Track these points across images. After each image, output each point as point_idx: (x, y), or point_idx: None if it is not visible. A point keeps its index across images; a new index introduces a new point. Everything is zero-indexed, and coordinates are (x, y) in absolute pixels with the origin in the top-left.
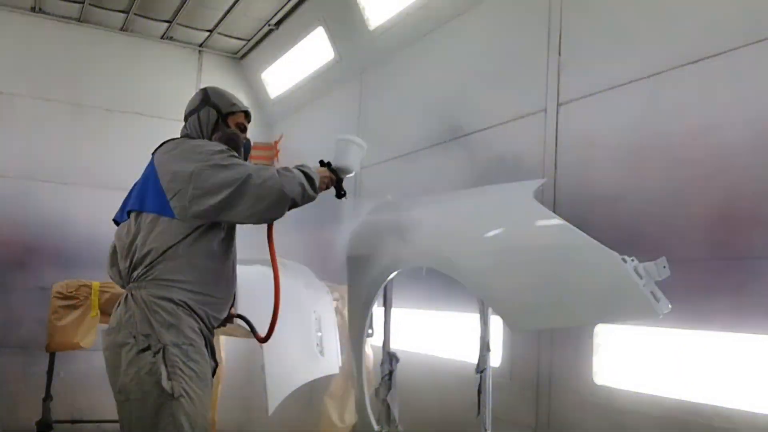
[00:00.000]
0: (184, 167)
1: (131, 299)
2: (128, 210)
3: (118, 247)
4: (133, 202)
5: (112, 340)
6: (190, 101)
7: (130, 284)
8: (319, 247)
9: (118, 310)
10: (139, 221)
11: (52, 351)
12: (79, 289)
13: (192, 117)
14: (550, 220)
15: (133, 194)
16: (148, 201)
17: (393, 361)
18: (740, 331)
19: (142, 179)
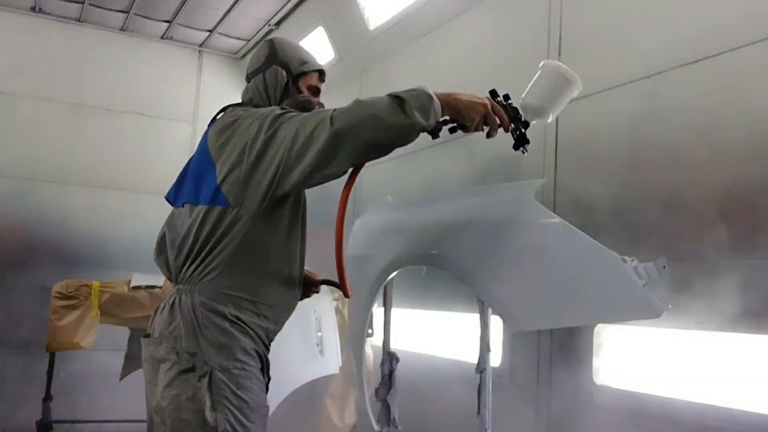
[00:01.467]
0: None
1: (178, 306)
2: (183, 202)
3: (169, 237)
4: (186, 192)
5: (151, 352)
6: (254, 56)
7: (180, 284)
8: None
9: (161, 315)
10: (193, 213)
11: (52, 351)
12: (79, 289)
13: (257, 78)
14: (550, 220)
15: (188, 180)
16: (201, 190)
17: (393, 361)
18: (740, 331)
19: (195, 158)
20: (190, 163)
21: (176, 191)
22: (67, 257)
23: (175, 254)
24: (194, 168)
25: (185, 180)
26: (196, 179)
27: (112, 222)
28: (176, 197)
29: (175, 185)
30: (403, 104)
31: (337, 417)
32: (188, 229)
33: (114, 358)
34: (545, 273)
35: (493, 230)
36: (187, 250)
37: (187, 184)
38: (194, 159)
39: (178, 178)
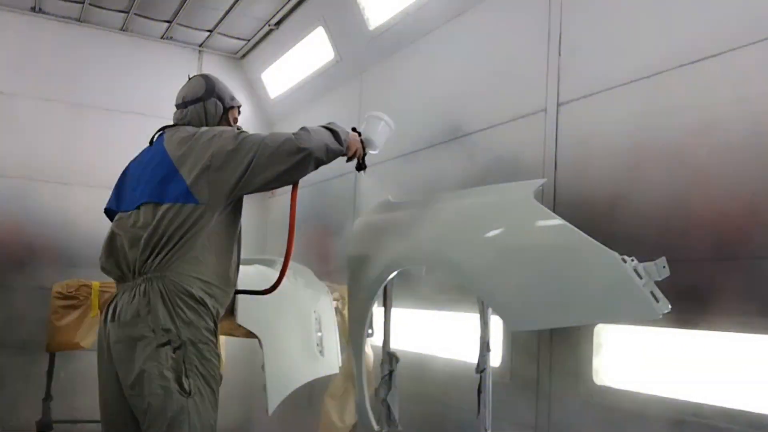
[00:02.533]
0: (218, 148)
1: (150, 292)
2: (140, 203)
3: (125, 237)
4: (145, 194)
5: (127, 333)
6: (191, 87)
7: (146, 274)
8: (319, 246)
9: (130, 301)
10: (157, 211)
11: (52, 351)
12: (79, 289)
13: (196, 105)
14: (550, 220)
15: (140, 185)
16: (167, 191)
17: (393, 361)
18: (740, 331)
19: (144, 168)
20: (130, 174)
21: (119, 199)
22: (67, 257)
23: (140, 249)
24: (151, 174)
25: (134, 187)
26: (159, 183)
27: None
28: (123, 203)
29: (115, 195)
30: (338, 136)
31: (337, 417)
32: (155, 225)
33: None
34: (545, 273)
35: (493, 230)
36: (154, 243)
37: (140, 189)
38: (146, 168)
39: (117, 189)
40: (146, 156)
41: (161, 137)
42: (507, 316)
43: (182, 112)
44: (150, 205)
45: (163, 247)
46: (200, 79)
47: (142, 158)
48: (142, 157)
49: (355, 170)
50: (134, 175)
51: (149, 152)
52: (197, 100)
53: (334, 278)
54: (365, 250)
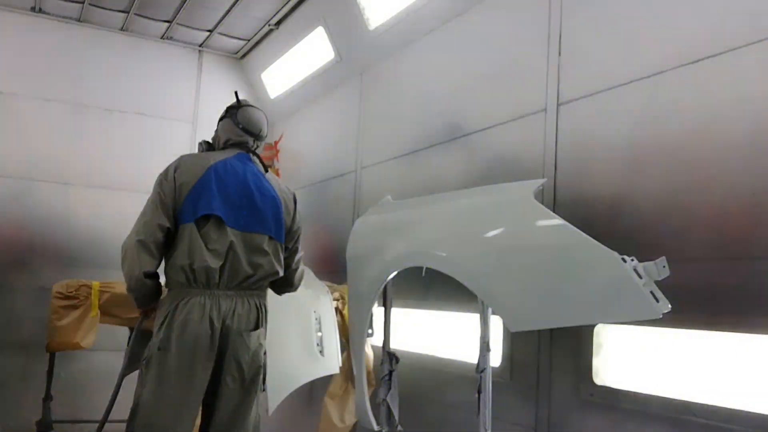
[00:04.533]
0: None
1: (260, 304)
2: (258, 232)
3: (241, 255)
4: (265, 227)
5: (251, 336)
6: (265, 123)
7: (242, 289)
8: (319, 246)
9: (251, 311)
10: (272, 246)
11: (52, 351)
12: (79, 289)
13: (262, 142)
14: (550, 220)
15: (251, 211)
16: (280, 233)
17: (393, 361)
18: (740, 331)
19: (254, 194)
20: (230, 190)
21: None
22: (67, 257)
23: (256, 272)
24: (264, 207)
25: (241, 206)
26: (275, 222)
27: (112, 222)
28: (230, 218)
29: (221, 204)
30: None
31: (337, 417)
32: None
33: (114, 358)
34: (545, 273)
35: (493, 230)
36: (267, 272)
37: (256, 217)
38: (256, 195)
39: (221, 197)
40: (249, 178)
41: (250, 162)
42: (507, 316)
43: (255, 142)
44: (266, 237)
45: (268, 277)
46: (265, 119)
47: (243, 177)
48: (241, 174)
49: (354, 172)
50: (240, 193)
51: (252, 176)
52: (264, 138)
53: (334, 278)
54: (365, 250)
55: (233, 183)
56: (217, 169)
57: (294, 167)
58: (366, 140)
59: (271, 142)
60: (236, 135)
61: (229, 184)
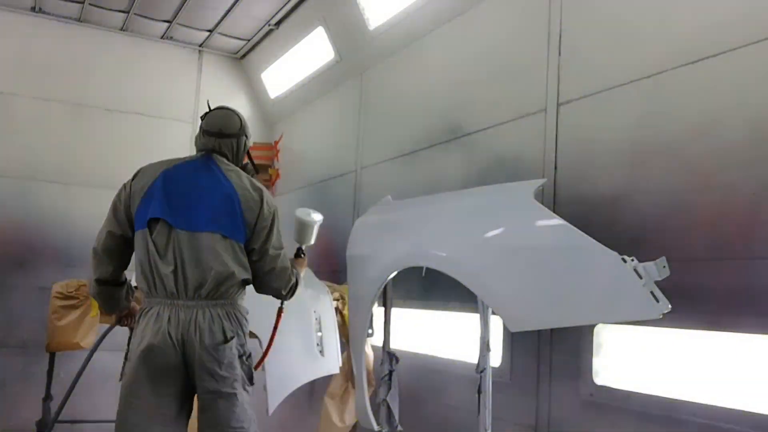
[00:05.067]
0: (265, 217)
1: (230, 315)
2: (208, 230)
3: (187, 257)
4: (217, 225)
5: (218, 353)
6: (228, 122)
7: (220, 300)
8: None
9: (215, 324)
10: (226, 245)
11: (52, 351)
12: (79, 289)
13: (231, 139)
14: (550, 220)
15: (203, 209)
16: (236, 231)
17: (393, 361)
18: (740, 331)
19: (206, 193)
20: (180, 190)
21: (171, 212)
22: (67, 257)
23: (210, 276)
24: (219, 204)
25: (191, 206)
26: (229, 218)
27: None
28: (178, 218)
29: (165, 205)
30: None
31: (337, 417)
32: (225, 259)
33: (114, 358)
34: (545, 273)
35: (493, 230)
36: (226, 275)
37: (206, 215)
38: (209, 194)
39: (165, 198)
40: (201, 177)
41: (210, 161)
42: (507, 316)
43: (217, 141)
44: (218, 235)
45: (224, 281)
46: (234, 116)
47: (194, 177)
48: (192, 174)
49: (354, 172)
50: (188, 194)
51: (204, 175)
52: (232, 135)
53: (334, 278)
54: (365, 250)
55: (182, 184)
56: (167, 173)
57: (294, 167)
58: (366, 140)
59: (270, 142)
60: (200, 140)
61: (178, 186)
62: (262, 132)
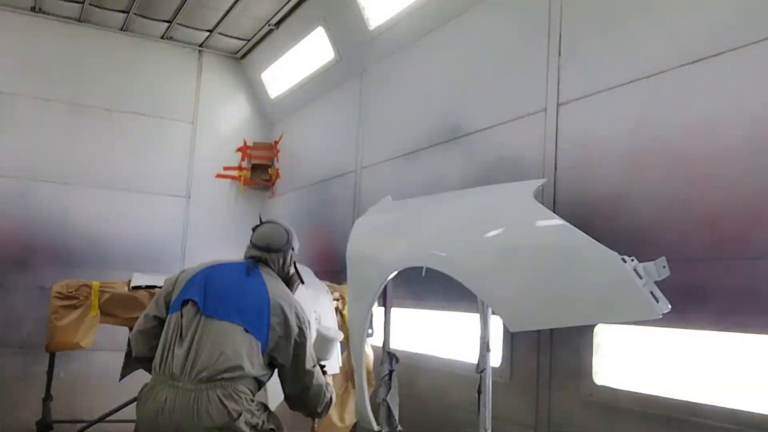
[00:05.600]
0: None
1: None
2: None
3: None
4: (244, 321)
5: None
6: (276, 236)
7: (220, 382)
8: (320, 246)
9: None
10: (244, 338)
11: (52, 351)
12: (79, 289)
13: (278, 253)
14: (550, 220)
15: (235, 305)
16: (252, 319)
17: (393, 361)
18: (740, 331)
19: (244, 294)
20: (219, 286)
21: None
22: (67, 257)
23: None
24: (252, 308)
25: (225, 298)
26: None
27: (112, 222)
28: (208, 308)
29: (201, 294)
30: None
31: (337, 417)
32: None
33: (114, 358)
34: (545, 273)
35: (493, 230)
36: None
37: (237, 311)
38: (246, 296)
39: (203, 289)
40: (241, 278)
41: (255, 268)
42: (507, 316)
43: (264, 254)
44: (239, 327)
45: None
46: (282, 231)
47: (235, 277)
48: (234, 274)
49: (354, 172)
50: (224, 287)
51: (245, 277)
52: (279, 250)
53: (334, 278)
54: (365, 250)
55: (223, 279)
56: (212, 268)
57: (294, 167)
58: (366, 140)
59: (270, 142)
60: (248, 250)
61: (218, 280)
62: (262, 132)
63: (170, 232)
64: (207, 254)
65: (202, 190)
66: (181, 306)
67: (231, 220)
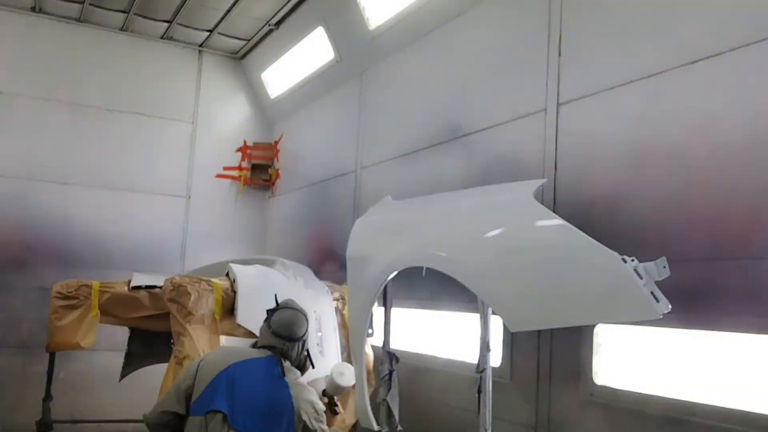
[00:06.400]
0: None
1: None
2: None
3: None
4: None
5: None
6: (300, 324)
7: None
8: (320, 246)
9: None
10: None
11: (52, 351)
12: (79, 289)
13: (299, 343)
14: (550, 220)
15: (261, 416)
16: None
17: (393, 361)
18: (740, 331)
19: (268, 400)
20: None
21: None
22: (67, 257)
23: None
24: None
25: (252, 410)
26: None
27: (112, 222)
28: (236, 418)
29: (226, 400)
30: None
31: (337, 417)
32: None
33: (114, 358)
34: (545, 273)
35: (493, 230)
36: None
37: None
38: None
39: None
40: (267, 382)
41: (277, 367)
42: (507, 316)
43: (286, 345)
44: None
45: None
46: (303, 319)
47: (261, 380)
48: (259, 377)
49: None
50: (252, 396)
51: (270, 381)
52: (300, 339)
53: (334, 278)
54: (365, 250)
55: (248, 384)
56: (235, 366)
57: (294, 167)
58: (366, 140)
59: (270, 142)
60: (267, 338)
61: (243, 386)
62: (262, 132)
63: (170, 232)
64: (207, 254)
65: (202, 190)
66: (206, 414)
67: (231, 220)
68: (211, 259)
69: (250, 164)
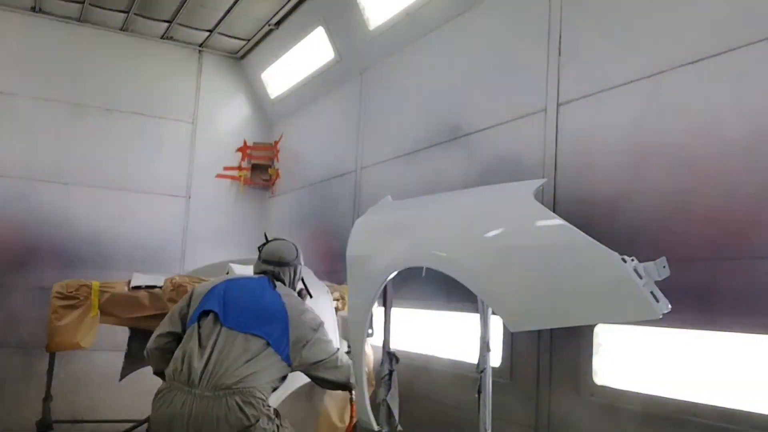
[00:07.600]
0: (307, 331)
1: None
2: (253, 333)
3: (228, 349)
4: (265, 333)
5: None
6: (286, 251)
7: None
8: (320, 246)
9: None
10: (264, 349)
11: (52, 351)
12: (79, 289)
13: (289, 267)
14: (550, 220)
15: (255, 318)
16: (273, 332)
17: (393, 361)
18: (740, 331)
19: (262, 307)
20: (237, 298)
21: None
22: (67, 257)
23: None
24: (253, 309)
25: (242, 312)
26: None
27: (112, 222)
28: (229, 319)
29: (221, 305)
30: None
31: (337, 417)
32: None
33: (114, 358)
34: (545, 273)
35: (493, 230)
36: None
37: (257, 323)
38: (265, 309)
39: (222, 302)
40: (258, 292)
41: (269, 283)
42: (507, 316)
43: (276, 268)
44: (262, 341)
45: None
46: (291, 246)
47: (253, 291)
48: (251, 288)
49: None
50: (244, 300)
51: (261, 292)
52: (290, 263)
53: (334, 278)
54: (365, 250)
55: (241, 293)
56: (230, 282)
57: (294, 167)
58: (366, 140)
59: (270, 142)
60: (258, 267)
61: (236, 293)
62: (262, 132)
63: (170, 232)
64: (207, 254)
65: (202, 190)
66: (198, 317)
67: (231, 220)
68: (211, 259)
69: (250, 164)
